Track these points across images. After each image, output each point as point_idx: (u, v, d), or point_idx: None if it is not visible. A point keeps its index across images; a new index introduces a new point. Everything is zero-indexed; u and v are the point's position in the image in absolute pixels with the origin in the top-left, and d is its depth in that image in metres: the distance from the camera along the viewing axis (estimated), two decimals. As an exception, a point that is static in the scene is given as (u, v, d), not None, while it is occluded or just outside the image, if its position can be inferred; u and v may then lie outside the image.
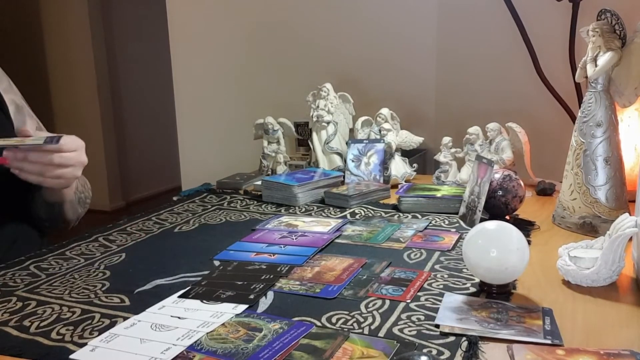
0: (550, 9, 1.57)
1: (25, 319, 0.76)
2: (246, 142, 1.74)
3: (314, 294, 0.82)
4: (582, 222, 1.08)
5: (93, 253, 1.02)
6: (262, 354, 0.65)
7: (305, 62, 1.94)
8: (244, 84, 2.07)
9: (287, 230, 1.11)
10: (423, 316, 0.75)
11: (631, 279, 0.87)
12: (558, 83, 1.57)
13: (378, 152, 1.46)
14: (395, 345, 0.67)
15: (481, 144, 1.38)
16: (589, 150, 1.07)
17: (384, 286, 0.84)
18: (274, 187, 1.35)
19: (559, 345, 0.67)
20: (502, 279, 0.81)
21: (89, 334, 0.72)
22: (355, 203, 1.29)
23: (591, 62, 1.07)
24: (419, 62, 1.81)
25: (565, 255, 0.88)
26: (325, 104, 1.55)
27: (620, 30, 1.06)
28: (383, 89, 1.83)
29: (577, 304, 0.80)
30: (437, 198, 1.24)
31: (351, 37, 1.87)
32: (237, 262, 0.96)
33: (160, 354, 0.66)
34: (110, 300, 0.82)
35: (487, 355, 0.65)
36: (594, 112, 1.07)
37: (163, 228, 1.17)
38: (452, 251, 0.99)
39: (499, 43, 1.69)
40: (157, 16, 2.97)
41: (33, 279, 0.90)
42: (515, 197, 1.11)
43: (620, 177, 1.08)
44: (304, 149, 1.68)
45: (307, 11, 1.93)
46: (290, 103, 1.79)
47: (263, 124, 1.60)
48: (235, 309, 0.77)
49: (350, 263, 0.93)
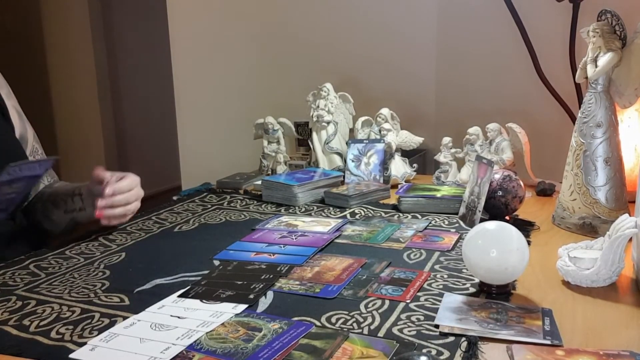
0: (551, 10, 1.57)
1: (25, 318, 0.76)
2: (246, 142, 1.74)
3: (314, 293, 0.82)
4: (582, 222, 1.08)
5: (93, 252, 1.02)
6: (262, 354, 0.65)
7: (306, 62, 1.94)
8: (244, 84, 2.07)
9: (287, 230, 1.11)
10: (422, 316, 0.75)
11: (631, 279, 0.87)
12: (558, 83, 1.57)
13: (378, 152, 1.46)
14: (395, 346, 0.67)
15: (481, 144, 1.38)
16: (589, 151, 1.07)
17: (384, 286, 0.84)
18: (274, 187, 1.35)
19: (559, 345, 0.67)
20: (502, 280, 0.81)
21: (88, 334, 0.72)
22: (355, 203, 1.29)
23: (591, 62, 1.07)
24: (419, 62, 1.81)
25: (565, 255, 0.88)
26: (325, 103, 1.55)
27: (621, 31, 1.06)
28: (383, 89, 1.83)
29: (577, 305, 0.80)
30: (437, 198, 1.24)
31: (351, 37, 1.87)
32: (237, 261, 0.96)
33: (159, 354, 0.66)
34: (110, 299, 0.82)
35: (486, 356, 0.65)
36: (594, 113, 1.07)
37: (163, 227, 1.17)
38: (451, 251, 0.99)
39: (499, 43, 1.69)
40: (157, 16, 2.97)
41: (33, 278, 0.90)
42: (515, 198, 1.11)
43: (620, 178, 1.08)
44: (304, 148, 1.68)
45: (308, 11, 1.93)
46: (291, 103, 1.79)
47: (263, 124, 1.60)
48: (235, 308, 0.77)
49: (350, 263, 0.93)
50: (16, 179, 0.98)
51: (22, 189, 1.03)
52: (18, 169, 0.97)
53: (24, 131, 1.19)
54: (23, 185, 1.02)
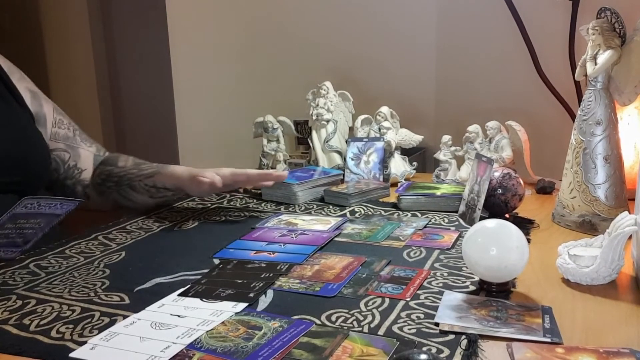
0: (550, 8, 1.57)
1: (25, 317, 0.76)
2: (246, 141, 1.74)
3: (314, 292, 0.82)
4: (582, 220, 1.08)
5: (93, 251, 1.02)
6: (262, 352, 0.65)
7: (305, 61, 1.94)
8: (244, 82, 2.07)
9: (286, 229, 1.11)
10: (422, 314, 0.75)
11: (630, 277, 0.87)
12: (558, 81, 1.57)
13: (378, 151, 1.46)
14: (395, 344, 0.67)
15: (481, 142, 1.38)
16: (588, 149, 1.07)
17: (384, 284, 0.84)
18: (273, 186, 1.35)
19: (559, 343, 0.67)
20: (502, 277, 0.81)
21: (88, 332, 0.72)
22: (355, 201, 1.29)
23: (591, 60, 1.07)
24: (419, 60, 1.81)
25: (564, 253, 0.88)
26: (324, 102, 1.55)
27: (620, 29, 1.06)
28: (383, 87, 1.83)
29: (577, 303, 0.80)
30: (436, 196, 1.24)
31: (351, 36, 1.87)
32: (237, 260, 0.96)
33: (160, 352, 0.66)
34: (110, 298, 0.82)
35: (486, 354, 0.65)
36: (594, 111, 1.07)
37: (163, 226, 1.17)
38: (451, 249, 0.99)
39: (499, 41, 1.69)
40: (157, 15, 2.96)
41: (33, 277, 0.90)
42: (515, 196, 1.11)
43: (619, 176, 1.08)
44: (304, 147, 1.68)
45: (307, 9, 1.93)
46: (290, 101, 1.79)
47: (262, 122, 1.60)
48: (235, 307, 0.77)
49: (350, 261, 0.93)
50: (34, 213, 0.96)
51: (42, 226, 0.99)
52: (36, 204, 0.95)
53: (38, 109, 1.22)
54: (43, 222, 0.99)
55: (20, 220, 0.95)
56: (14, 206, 0.92)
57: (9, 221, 0.93)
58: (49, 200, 0.97)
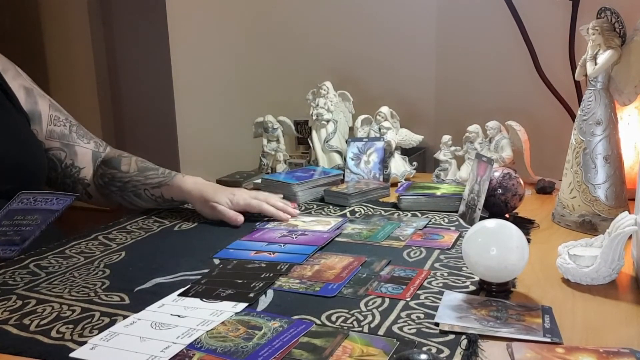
0: (550, 7, 1.57)
1: (25, 317, 0.77)
2: (246, 141, 1.74)
3: (314, 292, 0.82)
4: (582, 220, 1.08)
5: (93, 252, 1.02)
6: (262, 352, 0.65)
7: (305, 61, 1.94)
8: (244, 82, 2.07)
9: (287, 229, 1.11)
10: (423, 314, 0.75)
11: (631, 277, 0.87)
12: (558, 81, 1.57)
13: (378, 151, 1.46)
14: (395, 344, 0.67)
15: (481, 142, 1.38)
16: (588, 149, 1.07)
17: (384, 284, 0.84)
18: (273, 186, 1.35)
19: (559, 343, 0.67)
20: (502, 277, 0.81)
21: (88, 333, 0.72)
22: (355, 201, 1.29)
23: (591, 60, 1.07)
24: (419, 60, 1.81)
25: (564, 253, 0.88)
26: (325, 102, 1.55)
27: (620, 29, 1.06)
28: (383, 87, 1.83)
29: (577, 302, 0.80)
30: (436, 196, 1.24)
31: (351, 36, 1.87)
32: (237, 260, 0.96)
33: (160, 352, 0.66)
34: (110, 298, 0.82)
35: (486, 354, 0.65)
36: (594, 111, 1.07)
37: (163, 226, 1.17)
38: (451, 249, 0.99)
39: (499, 41, 1.69)
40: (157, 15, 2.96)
41: (33, 277, 0.90)
42: (515, 196, 1.11)
43: (619, 175, 1.08)
44: (304, 147, 1.68)
45: (307, 9, 1.93)
46: (290, 101, 1.79)
47: (263, 122, 1.60)
48: (235, 307, 0.77)
49: (350, 261, 0.93)
50: (31, 209, 0.95)
51: (39, 223, 0.99)
52: (32, 198, 0.94)
53: (33, 107, 1.19)
54: (40, 218, 0.98)
55: (17, 216, 0.94)
56: (10, 201, 0.91)
57: (5, 218, 0.93)
58: (45, 194, 0.96)
